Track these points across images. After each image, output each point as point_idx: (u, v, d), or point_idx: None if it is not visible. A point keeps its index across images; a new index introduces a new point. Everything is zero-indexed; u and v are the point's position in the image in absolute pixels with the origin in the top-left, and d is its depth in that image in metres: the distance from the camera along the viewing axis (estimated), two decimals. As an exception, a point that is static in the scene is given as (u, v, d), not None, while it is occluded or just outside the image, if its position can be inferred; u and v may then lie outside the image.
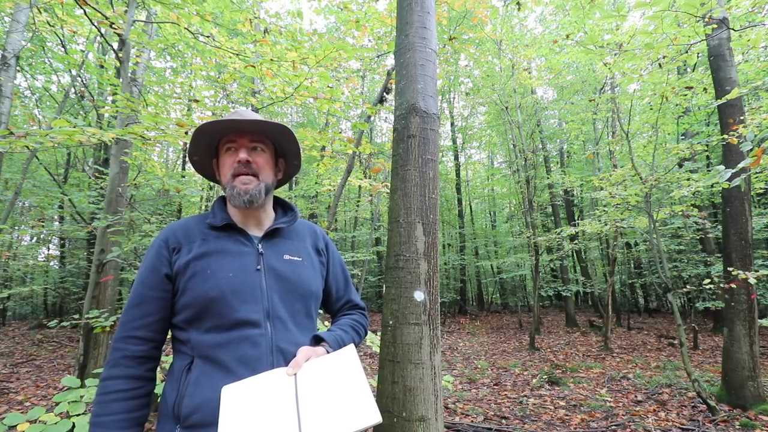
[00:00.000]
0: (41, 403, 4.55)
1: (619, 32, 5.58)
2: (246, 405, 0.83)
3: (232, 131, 1.06)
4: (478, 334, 10.94)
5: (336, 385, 0.86)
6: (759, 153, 2.00)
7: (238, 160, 1.03)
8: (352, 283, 1.30)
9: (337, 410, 0.81)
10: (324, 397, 0.84)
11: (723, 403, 4.18)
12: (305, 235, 1.18)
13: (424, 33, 2.06)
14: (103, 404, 0.92)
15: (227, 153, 1.07)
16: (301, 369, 0.91)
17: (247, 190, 1.03)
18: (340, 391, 0.85)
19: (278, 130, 1.09)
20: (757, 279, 3.93)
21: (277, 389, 0.86)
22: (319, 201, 13.72)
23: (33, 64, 8.06)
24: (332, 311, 1.26)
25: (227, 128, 1.06)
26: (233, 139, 1.06)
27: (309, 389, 0.86)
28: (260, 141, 1.08)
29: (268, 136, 1.11)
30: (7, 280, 11.04)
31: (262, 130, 1.08)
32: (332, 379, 0.88)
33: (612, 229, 6.69)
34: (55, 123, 2.25)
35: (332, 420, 0.79)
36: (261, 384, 0.87)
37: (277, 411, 0.82)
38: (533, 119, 11.69)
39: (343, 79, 6.86)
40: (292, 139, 1.12)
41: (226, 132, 1.07)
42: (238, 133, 1.06)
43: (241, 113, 1.08)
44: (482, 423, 3.93)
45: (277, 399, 0.84)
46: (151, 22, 4.91)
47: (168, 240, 1.03)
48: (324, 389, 0.86)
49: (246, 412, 0.82)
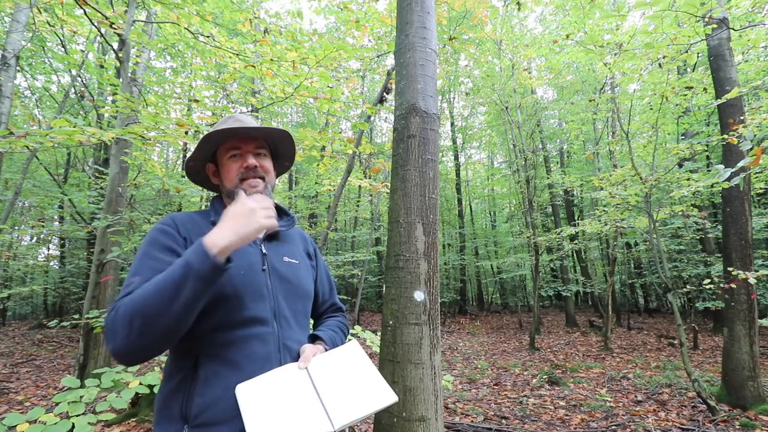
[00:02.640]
0: (41, 403, 4.55)
1: (619, 32, 5.58)
2: (266, 400, 0.86)
3: (235, 138, 1.07)
4: (478, 334, 10.94)
5: (349, 374, 0.93)
6: (758, 152, 2.00)
7: (246, 166, 1.05)
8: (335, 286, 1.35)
9: (357, 394, 0.89)
10: (341, 385, 0.91)
11: (723, 403, 4.17)
12: (298, 240, 1.22)
13: (424, 33, 2.06)
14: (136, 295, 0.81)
15: (231, 159, 1.07)
16: (311, 363, 0.95)
17: (258, 192, 1.05)
18: (354, 379, 0.92)
19: (280, 136, 1.12)
20: (757, 279, 3.93)
21: (294, 382, 0.90)
22: (319, 201, 13.73)
23: (33, 64, 8.06)
24: (317, 314, 1.28)
25: (234, 135, 1.07)
26: (238, 145, 1.07)
27: (325, 379, 0.92)
28: (263, 146, 1.11)
29: (266, 140, 1.14)
30: (7, 280, 11.04)
31: (266, 136, 1.11)
32: (344, 369, 0.95)
33: (612, 229, 6.69)
34: (55, 123, 2.25)
35: (355, 403, 0.87)
36: (276, 380, 0.90)
37: (300, 401, 0.87)
38: (533, 119, 11.69)
39: (343, 79, 6.85)
40: (290, 144, 1.16)
41: (227, 138, 1.08)
42: (242, 140, 1.07)
43: (241, 119, 1.09)
44: (482, 423, 3.93)
45: (296, 390, 0.88)
46: (151, 22, 4.92)
47: (178, 226, 1.00)
48: (339, 379, 0.92)
49: (268, 406, 0.85)
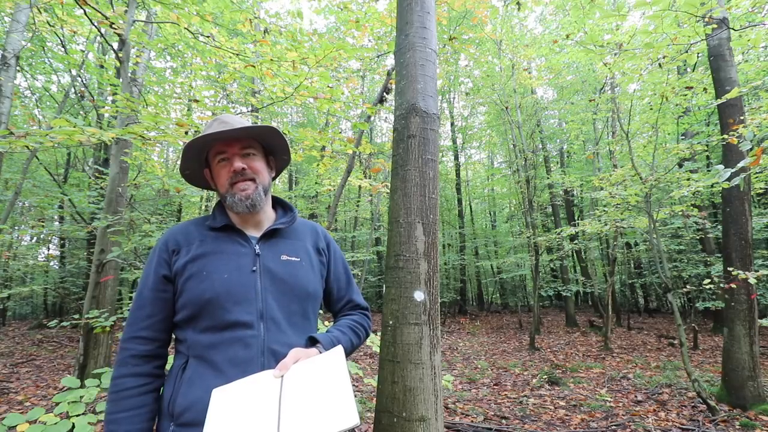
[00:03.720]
0: (41, 403, 4.55)
1: (619, 32, 5.57)
2: (232, 407, 0.85)
3: (221, 141, 1.06)
4: (478, 334, 10.94)
5: (319, 387, 0.88)
6: (758, 152, 2.00)
7: (233, 170, 1.04)
8: (355, 283, 1.30)
9: (317, 412, 0.83)
10: (306, 400, 0.85)
11: (723, 403, 4.17)
12: (305, 235, 1.18)
13: (424, 33, 2.06)
14: (115, 402, 0.95)
15: (220, 164, 1.07)
16: (289, 370, 0.92)
17: (248, 195, 1.04)
18: (322, 393, 0.86)
19: (264, 132, 1.09)
20: (757, 279, 3.93)
21: (262, 391, 0.88)
22: (319, 201, 13.72)
23: (33, 64, 8.06)
24: (334, 311, 1.26)
25: (212, 141, 1.06)
26: (223, 150, 1.06)
27: (293, 391, 0.87)
28: (250, 146, 1.09)
29: (256, 138, 1.11)
30: (7, 280, 11.03)
31: (249, 135, 1.08)
32: (317, 381, 0.89)
33: (612, 229, 6.69)
34: (55, 123, 2.25)
35: (310, 422, 0.81)
36: (248, 386, 0.89)
37: (260, 413, 0.84)
38: (533, 119, 11.68)
39: (343, 79, 6.85)
40: (278, 137, 1.12)
41: (213, 143, 1.07)
42: (226, 143, 1.06)
43: (225, 120, 1.08)
44: (482, 423, 3.93)
45: (260, 401, 0.86)
46: (151, 22, 4.91)
47: (168, 242, 1.05)
48: (307, 391, 0.87)
49: (230, 414, 0.84)
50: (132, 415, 0.94)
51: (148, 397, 0.98)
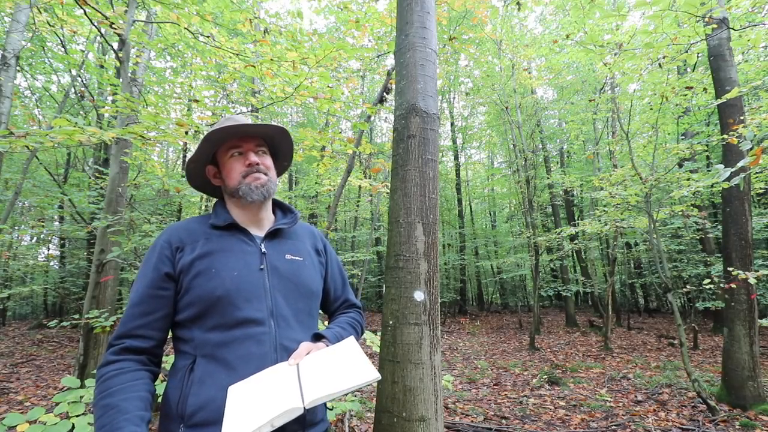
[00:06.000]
0: (41, 403, 4.55)
1: (619, 32, 5.57)
2: (250, 398, 0.85)
3: (236, 137, 1.08)
4: (478, 334, 10.94)
5: (336, 362, 0.91)
6: (758, 152, 2.00)
7: (249, 163, 1.07)
8: (349, 282, 1.32)
9: (336, 376, 0.86)
10: (324, 371, 0.88)
11: (723, 403, 4.17)
12: (305, 237, 1.20)
13: (424, 33, 2.06)
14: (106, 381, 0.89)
15: (233, 158, 1.09)
16: (303, 360, 0.94)
17: (263, 183, 1.07)
18: (340, 364, 0.90)
19: (278, 133, 1.13)
20: (757, 279, 3.92)
21: (280, 378, 0.89)
22: (319, 201, 13.71)
23: (33, 64, 8.05)
24: (330, 311, 1.28)
25: (233, 134, 1.08)
26: (238, 144, 1.09)
27: (311, 371, 0.89)
28: (263, 145, 1.13)
29: (266, 139, 1.15)
30: (7, 280, 11.03)
31: (266, 134, 1.12)
32: (333, 360, 0.92)
33: (612, 229, 6.68)
34: (55, 122, 2.25)
35: (332, 382, 0.84)
36: (264, 377, 0.90)
37: (280, 390, 0.85)
38: (533, 119, 11.68)
39: (343, 79, 6.85)
40: (288, 140, 1.17)
41: (228, 138, 1.09)
42: (242, 138, 1.09)
43: (238, 120, 1.10)
44: (482, 423, 3.93)
45: (279, 384, 0.87)
46: (151, 22, 4.91)
47: (171, 240, 1.04)
48: (326, 366, 0.90)
49: (250, 402, 0.84)
50: (127, 387, 0.88)
51: (143, 374, 0.93)
